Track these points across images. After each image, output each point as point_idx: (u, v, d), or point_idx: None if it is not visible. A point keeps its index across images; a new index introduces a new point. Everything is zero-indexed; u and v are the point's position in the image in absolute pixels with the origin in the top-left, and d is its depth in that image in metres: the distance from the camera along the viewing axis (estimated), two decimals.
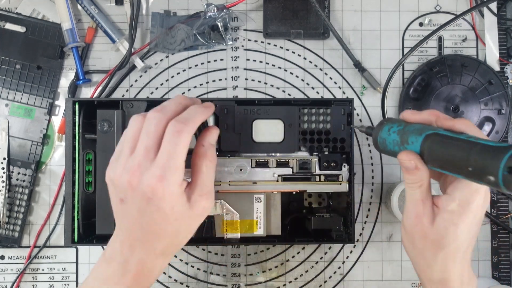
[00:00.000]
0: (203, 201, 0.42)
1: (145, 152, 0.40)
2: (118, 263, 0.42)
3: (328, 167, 0.53)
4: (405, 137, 0.41)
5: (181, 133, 0.40)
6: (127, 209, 0.41)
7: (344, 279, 0.65)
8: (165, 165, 0.39)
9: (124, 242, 0.42)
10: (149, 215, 0.40)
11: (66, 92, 0.65)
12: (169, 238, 0.42)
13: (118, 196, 0.42)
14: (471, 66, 0.64)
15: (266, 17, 0.66)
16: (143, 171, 0.40)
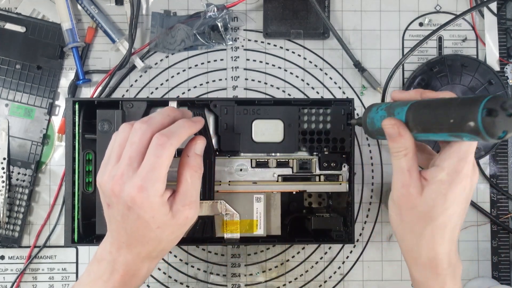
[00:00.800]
0: (186, 211, 0.43)
1: (128, 161, 0.42)
2: (108, 262, 0.44)
3: (328, 167, 0.53)
4: (391, 111, 0.42)
5: (164, 146, 0.41)
6: (113, 214, 0.43)
7: (344, 279, 0.65)
8: (146, 176, 0.41)
9: (113, 243, 0.44)
10: (131, 222, 0.42)
11: (66, 92, 0.65)
12: (152, 244, 0.44)
13: (105, 200, 0.44)
14: (471, 66, 0.64)
15: (266, 17, 0.66)
16: (125, 180, 0.41)
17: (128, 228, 0.43)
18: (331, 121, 0.53)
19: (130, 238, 0.43)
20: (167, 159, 0.41)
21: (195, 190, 0.44)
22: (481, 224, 0.66)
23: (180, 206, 0.43)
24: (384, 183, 0.66)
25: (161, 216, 0.42)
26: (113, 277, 0.44)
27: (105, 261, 0.45)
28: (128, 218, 0.42)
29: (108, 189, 0.42)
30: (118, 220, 0.43)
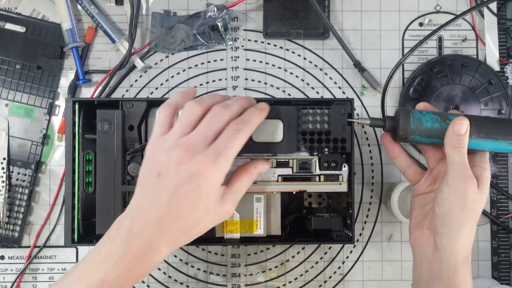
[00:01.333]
0: (229, 205, 0.44)
1: (203, 136, 0.42)
2: (123, 240, 0.41)
3: (328, 167, 0.53)
4: (444, 115, 0.48)
5: (240, 132, 0.43)
6: (160, 184, 0.42)
7: (344, 279, 0.65)
8: (220, 152, 0.42)
9: (136, 220, 0.42)
10: (183, 193, 0.41)
11: (66, 92, 0.65)
12: (188, 224, 0.42)
13: (156, 170, 0.42)
14: (471, 66, 0.64)
15: (266, 17, 0.66)
16: (197, 150, 0.41)
17: (174, 201, 0.41)
18: (331, 121, 0.53)
19: (169, 213, 0.41)
20: (240, 144, 0.43)
21: (242, 194, 0.46)
22: (481, 224, 0.66)
23: (228, 198, 0.44)
24: (384, 183, 0.66)
25: (214, 197, 0.42)
26: (126, 257, 0.41)
27: (120, 239, 0.42)
28: (182, 188, 0.41)
29: (170, 157, 0.41)
30: (164, 192, 0.41)
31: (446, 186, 0.47)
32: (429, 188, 0.51)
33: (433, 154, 0.51)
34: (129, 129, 0.53)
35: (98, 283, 0.40)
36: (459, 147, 0.46)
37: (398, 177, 0.66)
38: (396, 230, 0.65)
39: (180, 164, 0.41)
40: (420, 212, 0.51)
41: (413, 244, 0.51)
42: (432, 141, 0.49)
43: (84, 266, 0.42)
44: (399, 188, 0.61)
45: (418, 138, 0.49)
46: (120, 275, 0.41)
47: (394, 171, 0.66)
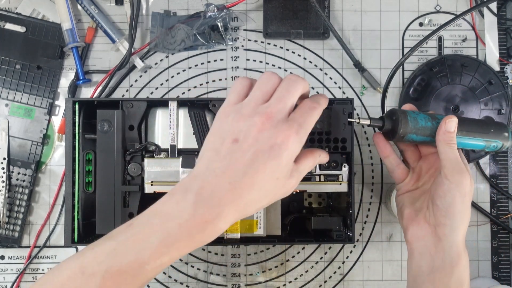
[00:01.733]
0: (295, 181, 0.44)
1: (283, 105, 0.42)
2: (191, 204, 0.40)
3: (328, 167, 0.53)
4: (433, 115, 0.52)
5: (315, 109, 0.43)
6: (238, 150, 0.41)
7: (344, 279, 0.65)
8: (302, 124, 0.42)
9: (207, 184, 0.40)
10: (262, 161, 0.40)
11: (66, 92, 0.65)
12: (258, 195, 0.41)
13: (232, 135, 0.41)
14: (471, 66, 0.64)
15: (266, 17, 0.66)
16: (279, 120, 0.41)
17: (252, 168, 0.40)
18: (332, 121, 0.53)
19: (244, 179, 0.40)
20: (314, 122, 0.43)
21: (303, 175, 0.45)
22: (481, 224, 0.66)
23: (295, 174, 0.43)
24: (384, 183, 0.66)
25: (288, 169, 0.42)
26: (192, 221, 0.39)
27: (188, 202, 0.39)
28: (261, 156, 0.40)
29: (250, 122, 0.41)
30: (240, 157, 0.40)
31: (446, 180, 0.49)
32: (414, 185, 0.54)
33: (412, 154, 0.55)
34: (129, 129, 0.53)
35: (156, 246, 0.39)
36: (451, 143, 0.49)
37: None
38: (396, 230, 0.66)
39: (262, 131, 0.40)
40: (411, 208, 0.53)
41: (411, 240, 0.52)
42: (424, 139, 0.51)
43: (141, 227, 0.40)
44: None
45: (413, 137, 0.51)
46: (180, 239, 0.39)
47: None
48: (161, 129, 0.54)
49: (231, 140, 0.41)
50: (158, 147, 0.54)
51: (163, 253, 0.39)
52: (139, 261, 0.39)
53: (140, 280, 0.39)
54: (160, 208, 0.41)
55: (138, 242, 0.39)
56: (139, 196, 0.54)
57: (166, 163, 0.53)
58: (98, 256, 0.39)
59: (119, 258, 0.38)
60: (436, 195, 0.50)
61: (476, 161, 0.65)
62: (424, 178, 0.54)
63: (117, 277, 0.38)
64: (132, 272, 0.38)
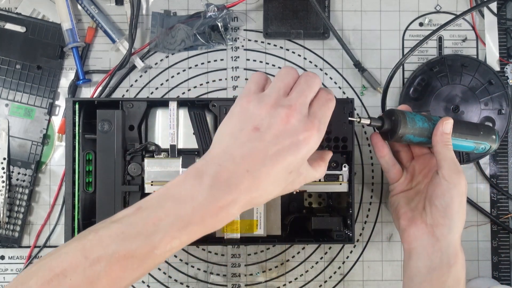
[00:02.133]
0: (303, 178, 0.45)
1: (304, 100, 0.42)
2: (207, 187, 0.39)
3: (328, 167, 0.53)
4: (428, 116, 0.53)
5: (331, 101, 0.44)
6: (259, 138, 0.40)
7: (344, 279, 0.65)
8: (321, 120, 0.42)
9: (224, 169, 0.40)
10: (283, 153, 0.40)
11: (66, 92, 0.65)
12: (273, 186, 0.41)
13: (253, 123, 0.41)
14: (471, 66, 0.64)
15: (266, 17, 0.66)
16: (303, 114, 0.41)
17: (272, 158, 0.40)
18: (332, 120, 0.52)
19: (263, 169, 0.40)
20: (331, 114, 0.44)
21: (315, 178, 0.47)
22: (481, 224, 0.66)
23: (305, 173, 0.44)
24: (384, 183, 0.66)
25: (301, 164, 0.42)
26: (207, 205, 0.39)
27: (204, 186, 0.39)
28: (282, 148, 0.40)
29: (274, 113, 0.41)
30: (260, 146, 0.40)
31: (444, 180, 0.50)
32: (408, 185, 0.55)
33: (405, 154, 0.56)
34: (129, 129, 0.53)
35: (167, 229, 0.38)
36: (448, 144, 0.51)
37: None
38: (396, 230, 0.65)
39: (287, 124, 0.41)
40: (407, 208, 0.54)
41: (409, 241, 0.52)
42: (420, 140, 0.52)
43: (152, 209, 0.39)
44: None
45: (411, 137, 0.52)
46: (193, 223, 0.38)
47: None
48: (161, 129, 0.54)
49: (252, 128, 0.41)
50: (158, 147, 0.54)
51: (174, 237, 0.38)
52: (148, 245, 0.37)
53: (148, 264, 0.38)
54: (172, 191, 0.40)
55: (149, 226, 0.38)
56: (139, 196, 0.54)
57: (166, 163, 0.53)
58: (104, 240, 0.37)
59: (128, 242, 0.37)
60: (434, 195, 0.50)
61: (476, 161, 0.65)
62: (417, 178, 0.55)
63: (124, 261, 0.37)
64: (140, 256, 0.37)
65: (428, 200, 0.51)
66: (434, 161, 0.53)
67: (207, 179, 0.39)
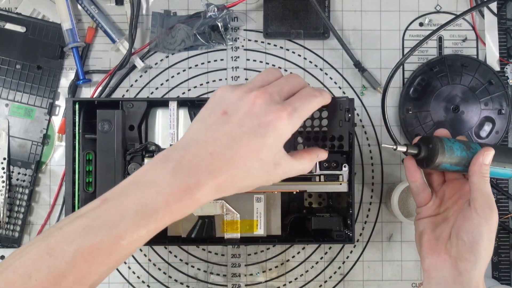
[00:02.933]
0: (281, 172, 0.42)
1: (279, 89, 0.41)
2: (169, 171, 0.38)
3: (328, 167, 0.53)
4: (467, 144, 0.50)
5: (316, 97, 0.42)
6: (225, 122, 0.40)
7: (344, 279, 0.65)
8: (296, 108, 0.40)
9: (187, 153, 0.39)
10: (247, 137, 0.39)
11: (66, 92, 0.65)
12: (238, 173, 0.39)
13: (222, 107, 0.40)
14: (471, 66, 0.64)
15: (266, 17, 0.66)
16: (273, 99, 0.40)
17: (235, 142, 0.39)
18: (328, 117, 0.51)
19: (226, 152, 0.39)
20: (313, 109, 0.42)
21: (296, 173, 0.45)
22: None
23: (284, 164, 0.42)
24: (385, 183, 0.66)
25: (274, 153, 0.40)
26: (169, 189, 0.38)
27: (166, 170, 0.38)
28: (247, 132, 0.39)
29: (243, 97, 0.40)
30: (228, 130, 0.39)
31: (476, 214, 0.47)
32: (436, 210, 0.52)
33: (437, 178, 0.52)
34: (129, 129, 0.53)
35: (132, 217, 0.37)
36: (485, 176, 0.47)
37: (398, 177, 0.66)
38: (396, 230, 0.65)
39: (253, 107, 0.39)
40: (432, 235, 0.50)
41: (429, 269, 0.49)
42: (457, 168, 0.49)
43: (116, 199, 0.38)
44: (399, 188, 0.61)
45: (447, 166, 0.49)
46: (158, 209, 0.37)
47: (394, 171, 0.66)
48: (161, 129, 0.54)
49: (221, 112, 0.40)
50: (158, 147, 0.54)
51: (140, 225, 0.37)
52: (113, 236, 0.36)
53: (116, 257, 0.37)
54: (137, 179, 0.39)
55: (113, 216, 0.37)
56: None
57: None
58: (68, 236, 0.36)
59: (92, 235, 0.36)
60: (462, 228, 0.47)
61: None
62: (446, 204, 0.51)
63: (89, 255, 0.36)
64: (106, 249, 0.36)
65: (455, 231, 0.48)
66: (466, 188, 0.50)
67: (171, 164, 0.38)
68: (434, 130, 0.63)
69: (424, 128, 0.64)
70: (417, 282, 0.65)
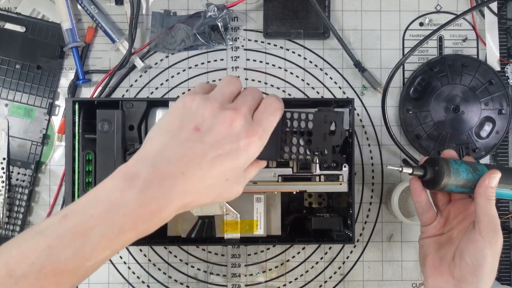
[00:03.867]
0: (241, 187, 0.42)
1: (249, 108, 0.40)
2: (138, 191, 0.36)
3: (328, 167, 0.53)
4: (474, 165, 0.49)
5: (278, 111, 0.42)
6: (198, 140, 0.38)
7: (344, 279, 0.65)
8: (265, 129, 0.40)
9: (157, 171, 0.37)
10: (221, 158, 0.38)
11: (66, 92, 0.65)
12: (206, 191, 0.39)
13: (195, 123, 0.39)
14: (472, 66, 0.64)
15: (266, 17, 0.65)
16: (248, 121, 0.39)
17: (208, 162, 0.38)
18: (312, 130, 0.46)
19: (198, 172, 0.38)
20: (276, 123, 0.42)
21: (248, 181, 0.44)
22: None
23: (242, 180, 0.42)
24: (385, 183, 0.66)
25: (239, 173, 0.40)
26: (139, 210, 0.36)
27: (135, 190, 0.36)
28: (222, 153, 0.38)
29: (218, 115, 0.39)
30: (199, 147, 0.38)
31: (480, 237, 0.46)
32: (440, 230, 0.51)
33: (442, 197, 0.52)
34: (129, 129, 0.53)
35: (98, 239, 0.35)
36: (491, 198, 0.47)
37: (398, 177, 0.66)
38: (396, 230, 0.65)
39: (229, 128, 0.38)
40: (436, 255, 0.50)
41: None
42: (462, 190, 0.49)
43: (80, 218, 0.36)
44: (399, 188, 0.61)
45: (453, 188, 0.49)
46: (124, 231, 0.36)
47: (394, 171, 0.65)
48: None
49: (193, 127, 0.38)
50: None
51: (106, 247, 0.36)
52: (78, 257, 0.35)
53: (79, 276, 0.36)
54: (102, 196, 0.37)
55: (77, 237, 0.35)
56: None
57: None
58: (29, 256, 0.34)
59: (55, 256, 0.34)
60: (466, 251, 0.47)
61: (476, 161, 0.65)
62: (451, 224, 0.51)
63: (53, 277, 0.34)
64: (70, 270, 0.35)
65: (459, 253, 0.48)
66: (472, 208, 0.50)
67: (139, 182, 0.36)
68: (435, 129, 0.63)
69: (424, 128, 0.64)
70: (417, 282, 0.65)
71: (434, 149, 0.64)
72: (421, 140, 0.64)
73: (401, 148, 0.63)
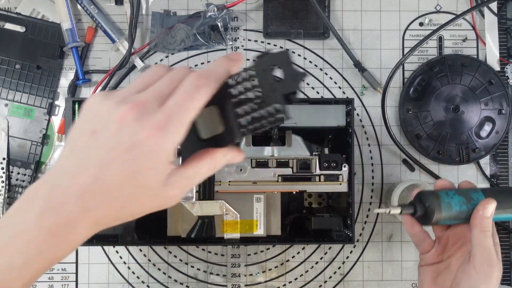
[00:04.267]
0: (178, 190, 0.34)
1: (158, 93, 0.33)
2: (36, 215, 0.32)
3: (328, 167, 0.53)
4: (468, 195, 0.47)
5: (201, 88, 0.33)
6: (93, 145, 0.32)
7: (344, 279, 0.65)
8: (172, 116, 0.32)
9: (56, 189, 0.32)
10: (118, 163, 0.32)
11: (66, 92, 0.65)
12: (116, 204, 0.33)
13: (92, 126, 0.33)
14: (472, 66, 0.64)
15: (266, 17, 0.65)
16: (146, 111, 0.32)
17: (105, 169, 0.32)
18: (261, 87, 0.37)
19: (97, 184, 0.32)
20: (199, 106, 0.33)
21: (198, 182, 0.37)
22: None
23: (178, 181, 0.34)
24: (385, 183, 0.66)
25: (157, 175, 0.33)
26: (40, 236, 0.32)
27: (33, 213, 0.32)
28: (117, 157, 0.32)
29: (112, 112, 0.32)
30: (97, 154, 0.32)
31: (474, 271, 0.45)
32: (438, 258, 0.50)
33: (439, 226, 0.51)
34: None
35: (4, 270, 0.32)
36: (487, 230, 0.46)
37: (398, 177, 0.66)
38: (396, 230, 0.65)
39: (121, 125, 0.31)
40: (433, 285, 0.49)
41: None
42: (458, 222, 0.48)
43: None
44: (399, 188, 0.61)
45: (447, 221, 0.48)
46: (30, 259, 0.32)
47: (394, 171, 0.66)
48: None
49: (89, 132, 0.32)
50: None
51: (12, 280, 0.32)
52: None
53: None
54: (5, 222, 0.33)
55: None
56: None
57: None
58: None
59: None
60: (462, 284, 0.46)
61: (476, 161, 0.65)
62: (449, 251, 0.50)
63: None
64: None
65: (456, 285, 0.47)
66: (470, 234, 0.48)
67: (38, 204, 0.32)
68: (434, 129, 0.63)
69: (424, 128, 0.64)
70: (417, 283, 0.65)
71: (434, 149, 0.64)
72: (421, 140, 0.64)
73: (401, 148, 0.63)
